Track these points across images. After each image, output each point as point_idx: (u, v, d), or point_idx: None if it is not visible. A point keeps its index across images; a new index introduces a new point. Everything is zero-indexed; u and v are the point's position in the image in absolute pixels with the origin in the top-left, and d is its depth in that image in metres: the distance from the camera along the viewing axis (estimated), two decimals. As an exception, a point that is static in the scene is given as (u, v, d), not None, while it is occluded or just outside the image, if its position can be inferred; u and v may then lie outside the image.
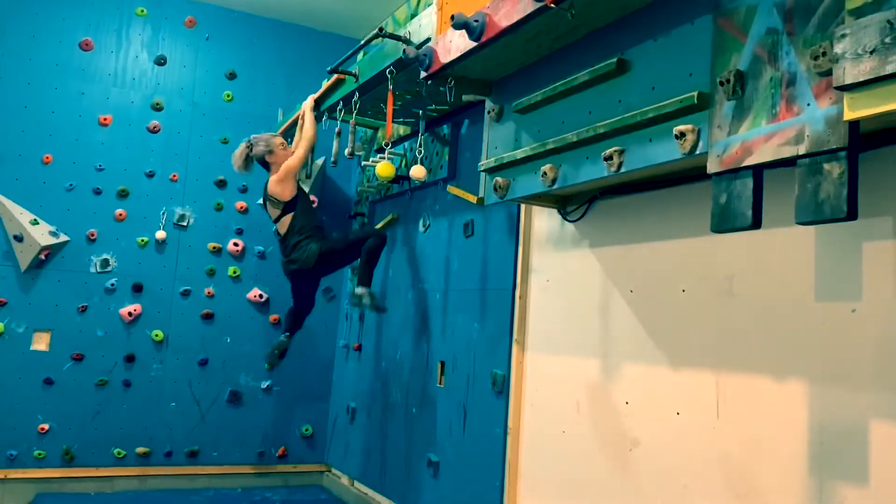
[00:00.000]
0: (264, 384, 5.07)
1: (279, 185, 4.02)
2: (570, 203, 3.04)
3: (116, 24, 4.89)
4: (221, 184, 5.06)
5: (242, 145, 4.18)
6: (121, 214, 4.78)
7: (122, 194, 4.80)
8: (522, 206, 3.36)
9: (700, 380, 2.34)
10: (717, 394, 2.27)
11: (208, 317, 4.96)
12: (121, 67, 4.89)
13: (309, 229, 4.03)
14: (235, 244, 5.03)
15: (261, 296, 5.06)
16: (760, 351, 2.15)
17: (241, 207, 5.08)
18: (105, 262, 4.72)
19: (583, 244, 2.98)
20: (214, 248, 5.00)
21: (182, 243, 4.94)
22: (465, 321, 3.70)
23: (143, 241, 4.82)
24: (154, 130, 4.92)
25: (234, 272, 5.03)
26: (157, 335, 4.81)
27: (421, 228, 4.26)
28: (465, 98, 3.19)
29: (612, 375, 2.73)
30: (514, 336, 3.30)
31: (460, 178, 3.90)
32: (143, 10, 4.94)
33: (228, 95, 5.13)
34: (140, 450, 4.73)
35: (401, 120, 4.28)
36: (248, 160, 4.17)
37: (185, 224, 4.95)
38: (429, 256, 4.15)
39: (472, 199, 3.51)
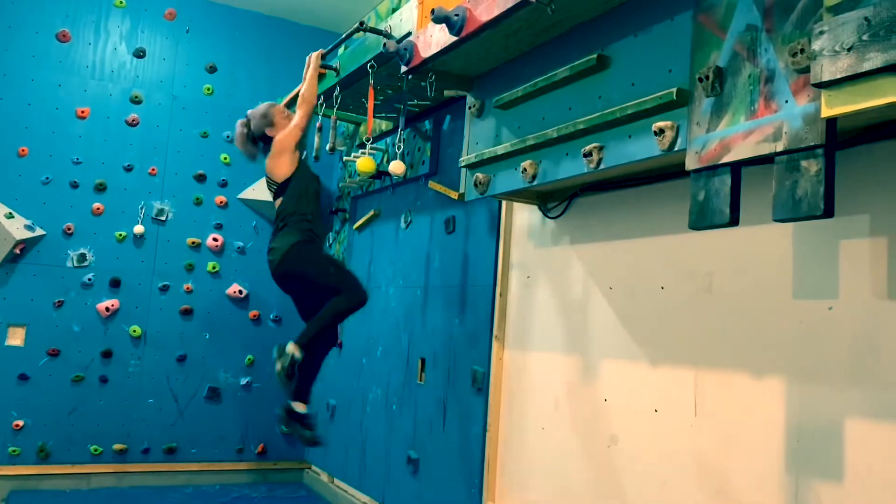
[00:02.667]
0: (243, 380, 5.03)
1: (272, 161, 3.42)
2: (551, 199, 3.03)
3: (94, 15, 4.82)
4: (201, 178, 5.01)
5: (239, 124, 3.63)
6: (98, 208, 4.72)
7: (100, 188, 4.74)
8: (504, 203, 3.35)
9: (678, 377, 2.34)
10: (695, 391, 2.27)
11: (187, 312, 4.91)
12: (99, 59, 4.82)
13: (295, 217, 3.31)
14: (215, 239, 4.99)
15: (240, 291, 5.02)
16: (738, 348, 2.15)
17: (221, 202, 5.03)
18: (82, 257, 4.66)
19: (563, 241, 2.98)
20: (193, 242, 4.95)
21: (161, 238, 4.89)
22: (445, 318, 3.68)
23: (121, 235, 4.77)
24: (133, 124, 4.87)
25: (214, 267, 4.98)
26: (134, 331, 4.76)
27: (402, 224, 4.24)
28: (446, 93, 3.17)
29: (591, 372, 2.73)
30: (495, 333, 3.29)
31: (442, 173, 3.88)
32: (121, 2, 4.88)
33: (209, 89, 5.08)
34: (117, 446, 4.68)
35: (383, 115, 4.25)
36: (248, 140, 3.60)
37: (163, 218, 4.89)
38: (410, 252, 4.13)
39: (454, 194, 3.50)
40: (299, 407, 3.34)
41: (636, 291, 2.56)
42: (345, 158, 4.31)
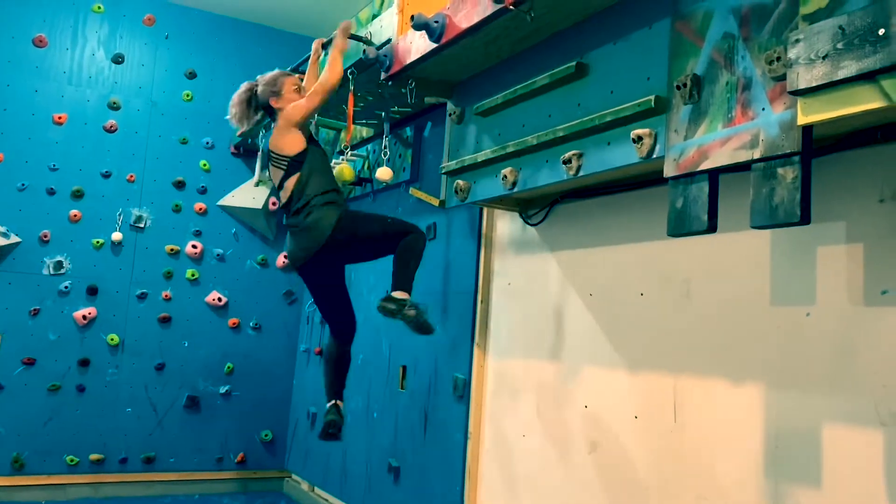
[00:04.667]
0: (223, 389, 4.98)
1: (281, 136, 3.03)
2: (532, 206, 3.03)
3: (72, 20, 4.78)
4: (180, 185, 4.97)
5: (244, 86, 3.23)
6: (75, 215, 4.67)
7: (77, 195, 4.69)
8: (485, 210, 3.35)
9: (658, 383, 2.34)
10: (674, 397, 2.28)
11: (165, 320, 4.86)
12: (76, 65, 4.77)
13: (324, 192, 2.98)
14: (194, 246, 4.94)
15: (219, 299, 4.98)
16: (717, 354, 2.16)
17: (200, 209, 4.99)
18: (58, 265, 4.60)
19: (544, 247, 2.98)
20: (172, 250, 4.91)
21: (139, 245, 4.84)
22: (426, 325, 3.66)
23: (98, 242, 4.71)
24: (111, 130, 4.82)
25: (193, 275, 4.94)
26: (112, 339, 4.70)
27: (383, 231, 4.21)
28: (427, 100, 3.17)
29: (571, 379, 2.73)
30: (476, 340, 3.28)
31: (423, 180, 3.87)
32: (99, 7, 4.83)
33: (188, 95, 5.04)
34: (94, 456, 4.61)
35: (363, 122, 4.24)
36: (250, 106, 3.20)
37: (142, 226, 4.85)
38: (391, 259, 4.10)
39: (435, 201, 3.50)
40: (402, 296, 2.93)
41: (616, 298, 2.56)
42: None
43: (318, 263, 3.01)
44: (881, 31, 1.38)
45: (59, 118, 4.68)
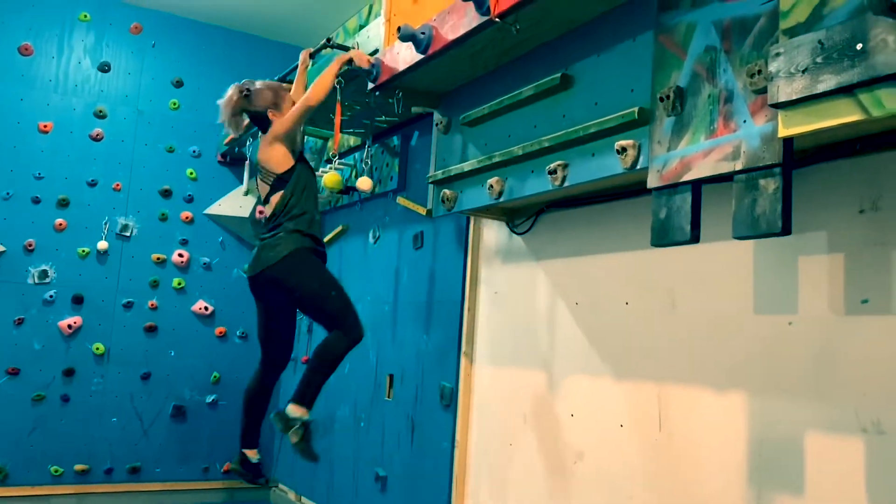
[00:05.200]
0: (209, 398, 4.96)
1: (269, 149, 3.00)
2: (518, 215, 3.05)
3: (58, 29, 4.76)
4: (166, 193, 4.96)
5: (233, 89, 3.12)
6: (61, 224, 4.64)
7: (63, 203, 4.67)
8: (471, 219, 3.36)
9: (643, 392, 2.36)
10: (659, 406, 2.29)
11: (152, 329, 4.84)
12: (62, 73, 4.76)
13: (302, 216, 2.95)
14: (180, 255, 4.93)
15: (206, 308, 4.96)
16: (701, 363, 2.17)
17: (187, 217, 4.98)
18: (43, 274, 4.58)
19: (530, 256, 2.99)
20: (158, 258, 4.89)
21: (125, 254, 4.82)
22: (414, 334, 3.68)
23: (84, 251, 4.69)
24: (97, 138, 4.81)
25: (179, 284, 4.92)
26: (97, 348, 4.68)
27: (371, 240, 4.23)
28: (414, 110, 3.19)
29: (557, 388, 2.74)
30: (463, 348, 3.29)
31: (410, 189, 3.88)
32: (86, 16, 4.82)
33: (175, 103, 5.04)
34: (79, 467, 4.58)
35: (350, 130, 4.25)
36: (238, 113, 3.13)
37: (128, 234, 4.83)
38: (378, 268, 4.12)
39: (422, 210, 3.51)
40: (297, 412, 2.87)
41: (601, 307, 2.58)
42: (313, 174, 4.29)
43: (262, 285, 2.99)
44: (859, 46, 1.40)
45: (45, 126, 4.66)
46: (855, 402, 1.77)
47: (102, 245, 4.72)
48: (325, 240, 4.61)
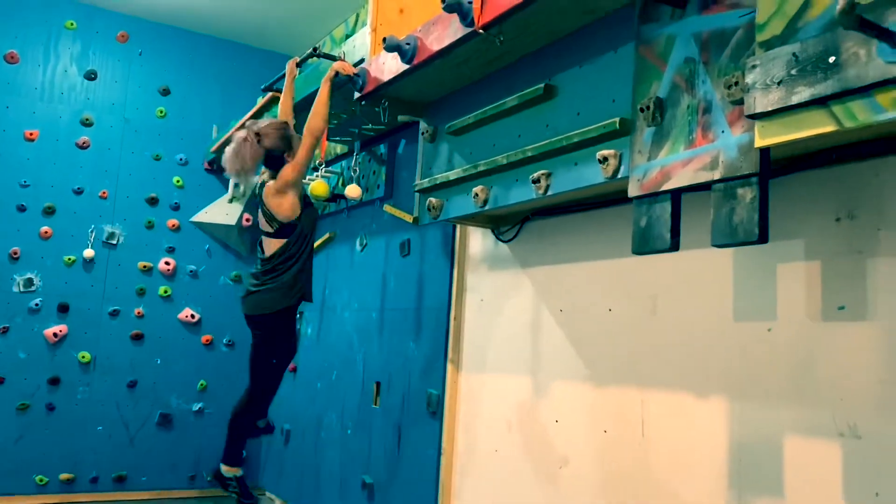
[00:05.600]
0: (196, 406, 4.95)
1: (281, 198, 3.03)
2: (504, 223, 3.07)
3: (44, 37, 4.77)
4: (153, 201, 4.96)
5: (242, 138, 3.01)
6: (46, 232, 4.64)
7: (49, 211, 4.66)
8: (458, 226, 3.38)
9: (626, 397, 2.38)
10: (642, 411, 2.32)
11: (138, 337, 4.83)
12: (48, 81, 4.76)
13: (295, 268, 3.10)
14: (167, 263, 4.93)
15: (192, 316, 4.96)
16: (682, 369, 2.20)
17: (173, 225, 4.99)
18: (29, 282, 4.57)
19: (515, 264, 3.02)
20: (145, 266, 4.89)
21: (111, 262, 4.82)
22: (401, 341, 3.69)
23: (70, 259, 4.68)
24: (83, 146, 4.81)
25: (165, 291, 4.92)
26: (83, 357, 4.67)
27: (358, 247, 4.24)
28: (400, 119, 3.21)
29: (542, 394, 2.76)
30: (449, 356, 3.31)
31: (397, 197, 3.91)
32: (72, 24, 4.83)
33: (161, 111, 5.05)
34: (64, 476, 4.56)
35: (338, 138, 4.27)
36: (256, 158, 3.05)
37: (114, 242, 4.83)
38: (365, 275, 4.13)
39: (409, 218, 3.53)
40: (229, 471, 3.30)
41: (585, 314, 2.61)
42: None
43: (261, 323, 3.21)
44: (831, 59, 1.44)
45: (31, 135, 4.66)
46: (832, 407, 1.80)
47: (88, 253, 4.72)
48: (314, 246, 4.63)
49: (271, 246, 3.11)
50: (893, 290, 1.72)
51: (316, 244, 4.63)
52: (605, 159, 2.01)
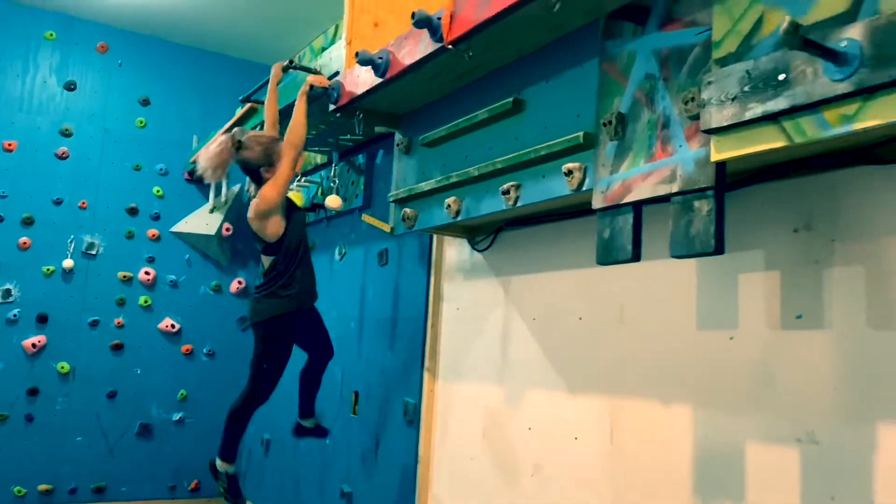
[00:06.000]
0: (176, 416, 4.95)
1: (260, 221, 2.96)
2: (479, 233, 3.11)
3: (23, 48, 4.77)
4: (133, 211, 4.96)
5: (224, 140, 3.00)
6: (25, 243, 4.63)
7: (27, 222, 4.66)
8: (434, 236, 3.42)
9: (595, 405, 2.42)
10: (610, 419, 2.36)
11: (118, 347, 4.83)
12: (27, 92, 4.76)
13: (288, 282, 3.04)
14: (147, 273, 4.93)
15: (172, 325, 4.97)
16: (649, 377, 2.25)
17: (154, 235, 4.99)
18: (6, 293, 4.56)
19: (490, 273, 3.06)
20: (125, 276, 4.89)
21: (91, 272, 4.82)
22: (378, 350, 3.72)
23: (49, 270, 4.68)
24: (62, 157, 4.81)
25: (146, 301, 4.92)
26: (62, 367, 4.66)
27: (337, 257, 4.27)
28: (377, 129, 3.24)
29: (515, 402, 2.80)
30: (426, 364, 3.34)
31: (375, 206, 3.94)
32: (52, 34, 4.84)
33: (142, 122, 5.06)
34: (42, 487, 4.54)
35: (317, 149, 4.30)
36: (225, 163, 3.02)
37: (94, 252, 4.83)
38: (344, 285, 4.16)
39: (386, 227, 3.55)
40: (223, 467, 3.20)
41: (557, 322, 2.65)
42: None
43: (265, 332, 3.15)
44: (781, 77, 1.49)
45: (9, 145, 4.66)
46: (790, 414, 1.85)
47: (68, 263, 4.72)
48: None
49: (265, 261, 3.10)
50: (847, 299, 1.77)
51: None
52: (570, 172, 2.05)
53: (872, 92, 1.37)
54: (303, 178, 4.30)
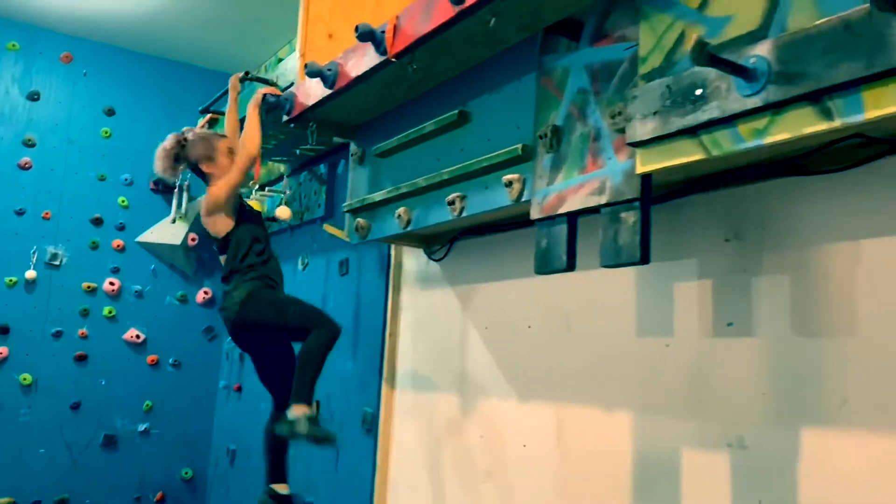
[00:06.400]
0: (142, 427, 4.93)
1: (207, 217, 2.99)
2: (435, 242, 3.14)
3: (-15, 58, 4.75)
4: (97, 221, 4.94)
5: (172, 139, 3.08)
6: (-15, 254, 4.60)
7: (-11, 233, 4.63)
8: (393, 246, 3.45)
9: (543, 412, 2.46)
10: (556, 425, 2.39)
11: (82, 358, 4.80)
12: (-11, 102, 4.74)
13: (247, 271, 2.93)
14: (111, 283, 4.91)
15: (138, 336, 4.95)
16: (592, 383, 2.28)
17: (118, 245, 4.97)
18: (-32, 304, 4.52)
19: (445, 283, 3.09)
20: (89, 287, 4.86)
21: (54, 283, 4.79)
22: (339, 359, 3.72)
23: (11, 281, 4.65)
24: (25, 167, 4.78)
25: (110, 312, 4.90)
26: (24, 379, 4.62)
27: (300, 267, 4.28)
28: (335, 140, 3.27)
29: (468, 409, 2.83)
30: (384, 374, 3.36)
31: (337, 216, 3.95)
32: (14, 45, 4.82)
33: (107, 132, 5.04)
34: (3, 500, 4.50)
35: (278, 159, 4.32)
36: (177, 162, 3.09)
37: (57, 263, 4.80)
38: (307, 295, 4.16)
39: (346, 237, 3.58)
40: (282, 488, 3.02)
41: (508, 331, 2.68)
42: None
43: (237, 335, 2.97)
44: (698, 92, 1.54)
45: (-30, 156, 4.63)
46: (722, 419, 1.89)
47: (30, 274, 4.69)
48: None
49: (222, 261, 3.06)
50: (774, 307, 1.82)
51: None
52: (510, 183, 2.09)
53: (781, 107, 1.41)
54: (266, 189, 4.31)
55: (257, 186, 3.72)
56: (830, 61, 1.32)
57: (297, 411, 2.69)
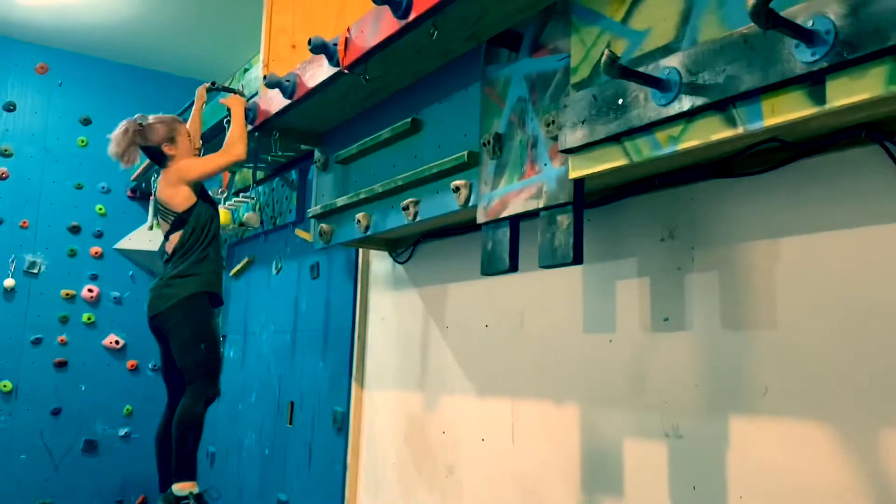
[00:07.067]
0: (122, 431, 4.99)
1: (170, 189, 2.96)
2: (400, 245, 3.23)
3: (-40, 69, 4.81)
4: (75, 229, 5.01)
5: (128, 122, 3.07)
6: (-36, 263, 4.66)
7: (-34, 242, 4.69)
8: (360, 249, 3.53)
9: (499, 407, 2.55)
10: (512, 420, 2.49)
11: (61, 365, 4.86)
12: (-35, 114, 4.80)
13: (200, 259, 2.91)
14: (90, 290, 4.98)
15: (117, 342, 5.01)
16: (544, 379, 2.38)
17: (96, 253, 5.04)
18: (-54, 313, 4.58)
19: (410, 284, 3.18)
20: (68, 294, 4.93)
21: (33, 291, 4.85)
22: (311, 361, 3.81)
23: (-11, 289, 4.71)
24: (2, 177, 4.84)
25: (89, 318, 4.96)
26: (4, 385, 4.68)
27: (274, 271, 4.36)
28: (303, 147, 3.35)
29: (432, 407, 2.91)
30: (354, 374, 3.44)
31: (307, 221, 4.03)
32: (-11, 56, 4.88)
33: (83, 141, 5.11)
34: (-15, 506, 4.57)
35: (250, 165, 4.38)
36: (131, 146, 3.05)
37: (36, 271, 4.86)
38: (281, 298, 4.25)
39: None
40: (181, 489, 2.88)
41: (467, 330, 2.77)
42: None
43: (155, 327, 3.02)
44: (620, 101, 1.63)
45: (-53, 167, 4.69)
46: (660, 410, 1.99)
47: (9, 283, 4.75)
48: (233, 272, 4.73)
49: (171, 243, 2.99)
50: (705, 302, 1.92)
51: (236, 269, 4.73)
52: (458, 189, 2.18)
53: (692, 115, 1.51)
54: (240, 195, 4.39)
55: (225, 194, 3.79)
56: (733, 72, 1.42)
57: (182, 488, 2.81)
